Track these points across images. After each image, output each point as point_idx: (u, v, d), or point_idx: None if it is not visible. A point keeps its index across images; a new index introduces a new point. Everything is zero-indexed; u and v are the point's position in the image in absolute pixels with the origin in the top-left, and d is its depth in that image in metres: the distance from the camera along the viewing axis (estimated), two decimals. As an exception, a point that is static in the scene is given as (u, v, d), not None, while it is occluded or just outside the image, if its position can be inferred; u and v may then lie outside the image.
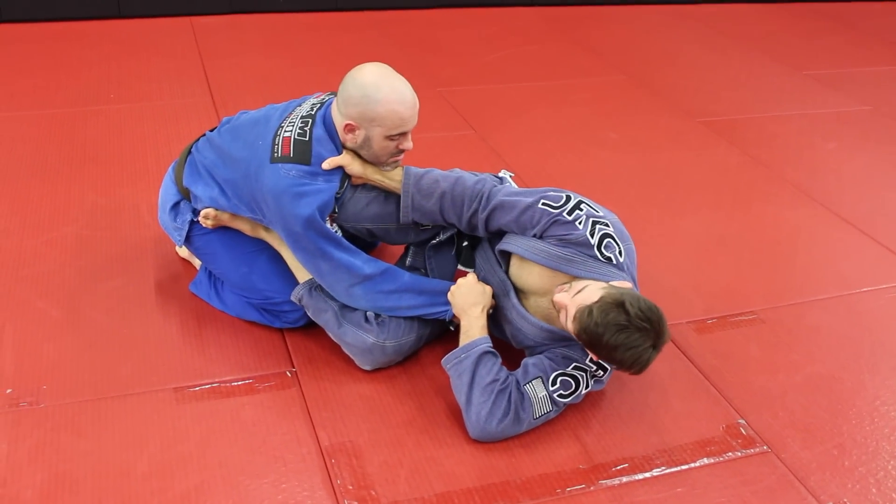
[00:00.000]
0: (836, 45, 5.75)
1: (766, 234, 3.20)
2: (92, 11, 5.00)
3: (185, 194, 2.39)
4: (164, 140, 3.51)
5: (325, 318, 2.29)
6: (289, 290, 2.34)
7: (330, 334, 2.31)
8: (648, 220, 3.22)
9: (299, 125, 2.18)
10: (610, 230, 2.13)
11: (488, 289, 2.23)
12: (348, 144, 2.21)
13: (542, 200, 2.14)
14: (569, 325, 1.98)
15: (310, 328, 2.42)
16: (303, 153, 2.14)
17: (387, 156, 2.23)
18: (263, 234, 2.38)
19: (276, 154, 2.14)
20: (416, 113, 2.19)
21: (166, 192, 2.45)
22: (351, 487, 1.94)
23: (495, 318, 2.29)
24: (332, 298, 2.27)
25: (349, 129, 2.17)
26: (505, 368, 2.13)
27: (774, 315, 2.71)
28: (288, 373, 2.29)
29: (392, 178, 2.27)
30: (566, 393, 2.12)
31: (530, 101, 4.28)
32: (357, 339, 2.24)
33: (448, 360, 2.17)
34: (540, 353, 2.19)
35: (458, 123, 3.92)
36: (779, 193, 3.53)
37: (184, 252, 2.70)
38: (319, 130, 2.18)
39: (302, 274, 2.33)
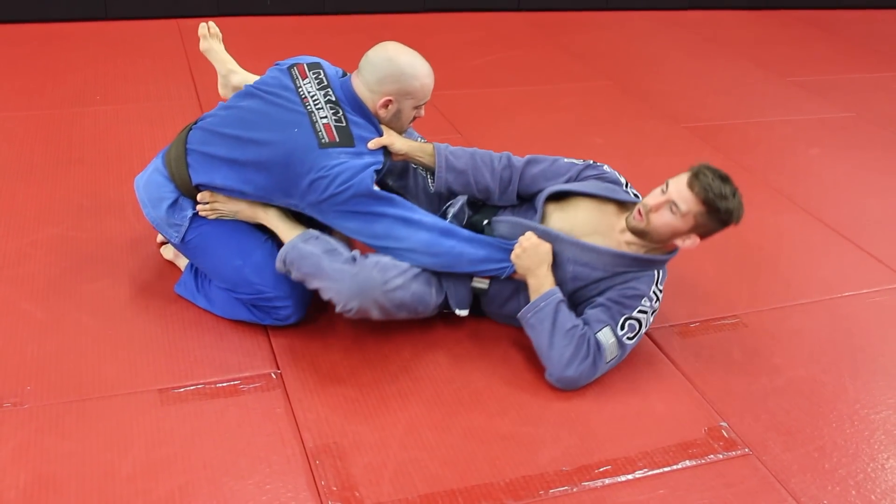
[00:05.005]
0: (820, 52, 5.80)
1: (750, 239, 3.22)
2: (78, 13, 4.99)
3: (188, 191, 2.38)
4: (150, 142, 3.51)
5: (310, 262, 2.25)
6: (281, 284, 2.34)
7: (314, 282, 2.27)
8: (633, 224, 3.23)
9: (331, 112, 2.29)
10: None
11: (549, 246, 2.33)
12: (381, 117, 2.36)
13: (567, 159, 2.54)
14: (682, 206, 2.25)
15: (296, 328, 2.42)
16: (346, 137, 2.27)
17: (408, 124, 2.45)
18: (261, 214, 2.38)
19: (322, 140, 2.24)
20: None
21: (158, 189, 2.41)
22: (335, 489, 1.95)
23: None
24: (317, 247, 2.27)
25: (385, 104, 2.33)
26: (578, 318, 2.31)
27: (757, 319, 2.74)
28: (273, 374, 2.29)
29: (428, 154, 2.48)
30: (633, 335, 2.30)
31: (517, 106, 4.30)
32: (342, 273, 2.23)
33: (527, 311, 2.31)
34: (599, 294, 2.33)
35: (445, 127, 3.93)
36: (762, 198, 3.56)
37: (168, 254, 2.69)
38: (351, 114, 2.32)
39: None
